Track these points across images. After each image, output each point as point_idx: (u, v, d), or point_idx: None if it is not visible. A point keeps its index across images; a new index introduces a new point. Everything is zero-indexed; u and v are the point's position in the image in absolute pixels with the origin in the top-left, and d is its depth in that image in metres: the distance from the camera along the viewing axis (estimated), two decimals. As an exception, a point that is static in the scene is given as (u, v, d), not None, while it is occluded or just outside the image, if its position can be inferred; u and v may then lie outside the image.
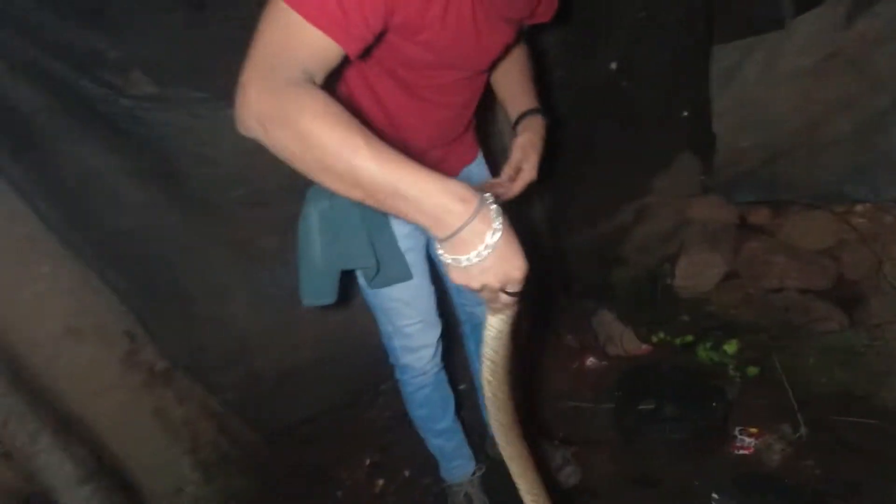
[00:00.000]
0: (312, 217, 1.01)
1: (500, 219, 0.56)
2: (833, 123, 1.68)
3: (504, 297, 0.60)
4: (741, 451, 1.53)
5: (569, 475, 1.51)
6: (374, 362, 1.78)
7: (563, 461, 1.52)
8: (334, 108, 0.58)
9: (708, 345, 1.90)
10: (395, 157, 0.56)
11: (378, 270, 1.05)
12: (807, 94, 1.69)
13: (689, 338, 1.97)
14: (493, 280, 0.57)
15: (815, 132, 1.74)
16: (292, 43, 0.62)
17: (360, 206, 0.95)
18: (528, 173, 1.01)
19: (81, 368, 1.14)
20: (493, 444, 0.95)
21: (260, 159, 1.43)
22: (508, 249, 0.56)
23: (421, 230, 1.05)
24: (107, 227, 1.41)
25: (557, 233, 2.31)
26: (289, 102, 0.58)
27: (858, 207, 1.70)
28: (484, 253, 0.55)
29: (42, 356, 1.09)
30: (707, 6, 1.61)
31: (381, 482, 1.69)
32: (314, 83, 0.62)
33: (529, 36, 1.16)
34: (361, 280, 1.15)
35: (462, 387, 1.89)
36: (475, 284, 0.58)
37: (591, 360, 2.07)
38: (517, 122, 1.05)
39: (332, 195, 1.02)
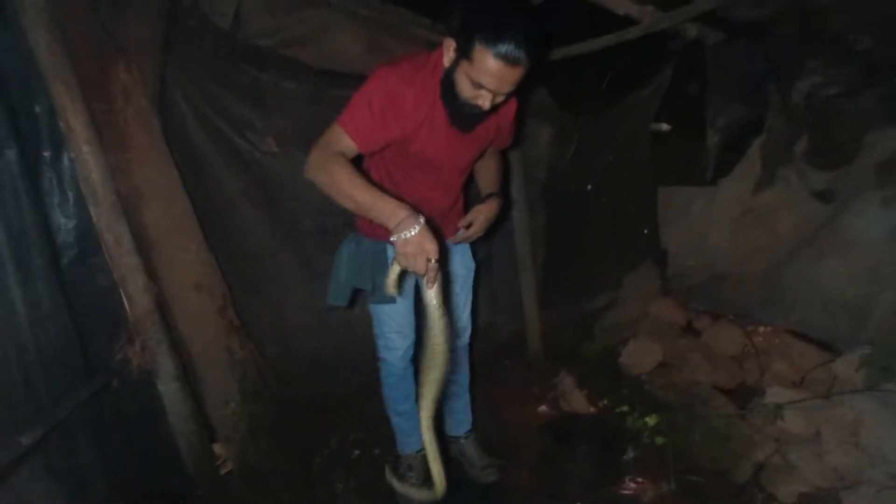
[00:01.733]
0: (344, 253, 1.72)
1: (421, 222, 1.15)
2: (750, 262, 2.20)
3: (430, 266, 1.14)
4: (624, 492, 1.98)
5: (488, 474, 2.01)
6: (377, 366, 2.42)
7: (487, 464, 2.03)
8: (347, 167, 1.28)
9: (636, 415, 2.36)
10: (374, 191, 1.22)
11: (374, 292, 1.71)
12: (733, 236, 2.23)
13: (625, 408, 2.43)
14: (418, 250, 1.12)
15: (739, 266, 2.25)
16: (338, 139, 1.35)
17: (372, 254, 1.65)
18: (476, 227, 1.59)
19: (195, 309, 1.86)
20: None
21: (326, 206, 2.21)
22: (424, 237, 1.13)
23: (411, 275, 1.71)
24: (227, 228, 2.18)
25: (544, 307, 2.88)
26: (326, 163, 1.31)
27: (761, 328, 2.16)
28: (410, 234, 1.13)
29: (176, 299, 1.82)
30: (653, 157, 2.23)
31: (356, 452, 2.27)
32: (345, 158, 1.32)
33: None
34: (370, 298, 1.80)
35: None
36: (410, 251, 1.13)
37: (543, 408, 2.57)
38: (484, 198, 1.67)
39: (358, 241, 1.73)
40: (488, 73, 1.21)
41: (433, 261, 1.15)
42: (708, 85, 2.12)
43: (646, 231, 2.45)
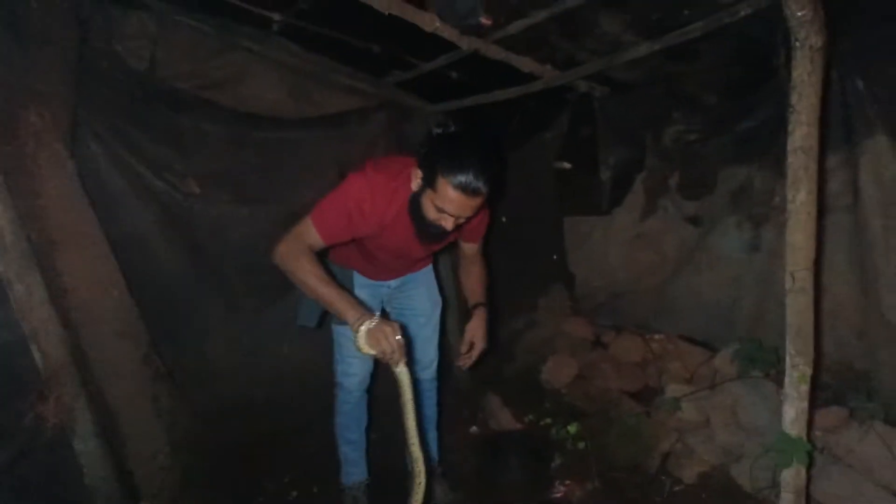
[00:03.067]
0: None
1: (373, 321, 1.31)
2: (644, 280, 2.55)
3: (391, 357, 1.30)
4: (556, 494, 2.15)
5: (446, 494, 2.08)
6: (308, 401, 2.40)
7: (450, 500, 2.08)
8: (314, 265, 1.40)
9: (559, 426, 2.57)
10: (335, 291, 1.37)
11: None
12: (628, 258, 2.57)
13: (549, 420, 2.63)
14: (381, 336, 1.29)
15: (635, 283, 2.60)
16: (308, 232, 1.46)
17: (338, 277, 1.72)
18: (479, 346, 1.74)
19: (117, 358, 1.76)
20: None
21: (254, 246, 2.22)
22: (378, 334, 1.29)
23: (376, 298, 1.80)
24: (147, 272, 2.10)
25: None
26: (295, 258, 1.42)
27: (657, 336, 2.50)
28: (371, 325, 1.30)
29: (95, 349, 1.72)
30: (557, 191, 2.54)
31: (294, 493, 2.22)
32: (311, 251, 1.44)
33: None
34: (334, 320, 1.83)
35: (374, 436, 2.49)
36: (374, 340, 1.30)
37: (474, 429, 2.70)
38: (472, 308, 1.80)
39: (329, 265, 1.79)
40: (449, 201, 1.36)
41: (398, 337, 1.31)
42: (598, 130, 2.48)
43: (555, 257, 2.74)
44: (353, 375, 1.88)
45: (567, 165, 2.55)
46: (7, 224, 1.50)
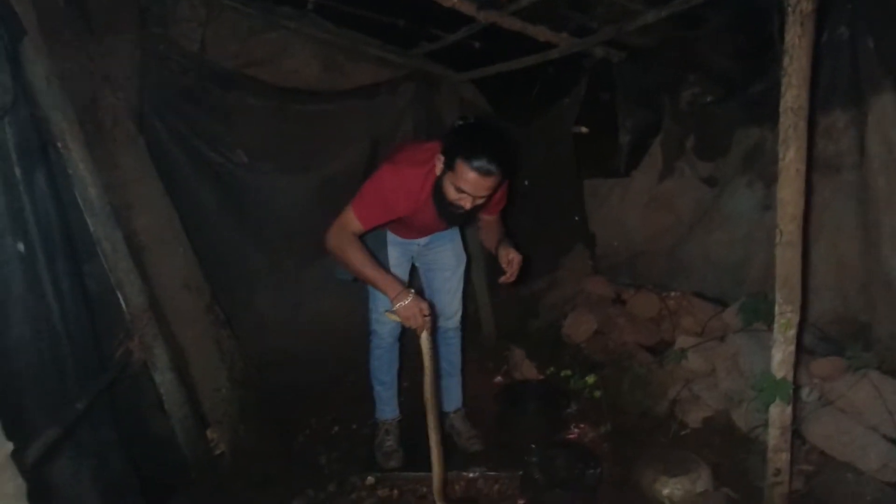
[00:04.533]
0: None
1: (409, 297, 1.56)
2: (660, 240, 2.65)
3: (420, 324, 1.57)
4: (569, 436, 2.36)
5: (473, 444, 2.29)
6: (351, 353, 2.67)
7: (473, 434, 2.32)
8: (358, 249, 1.65)
9: (577, 377, 2.75)
10: (377, 270, 1.65)
11: None
12: (645, 219, 2.68)
13: (568, 372, 2.82)
14: (414, 312, 1.55)
15: (652, 244, 2.71)
16: (350, 221, 1.68)
17: (371, 235, 1.94)
18: (515, 259, 1.81)
19: (185, 306, 2.06)
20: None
21: (294, 211, 2.47)
22: (416, 302, 1.56)
23: (406, 255, 2.02)
24: (204, 235, 2.39)
25: (494, 293, 3.23)
26: (342, 243, 1.67)
27: (672, 294, 2.62)
28: (406, 302, 1.56)
29: (168, 298, 2.02)
30: (577, 155, 2.66)
31: (336, 429, 2.53)
32: (355, 236, 1.67)
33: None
34: None
35: (405, 384, 2.75)
36: (408, 314, 1.56)
37: (498, 379, 2.93)
38: (497, 247, 1.89)
39: None
40: (466, 181, 1.54)
41: (427, 315, 1.59)
42: (616, 95, 2.55)
43: (576, 218, 2.87)
44: (385, 324, 2.11)
45: (585, 130, 2.65)
46: (94, 190, 1.78)
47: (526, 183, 2.80)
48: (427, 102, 3.01)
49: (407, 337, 2.41)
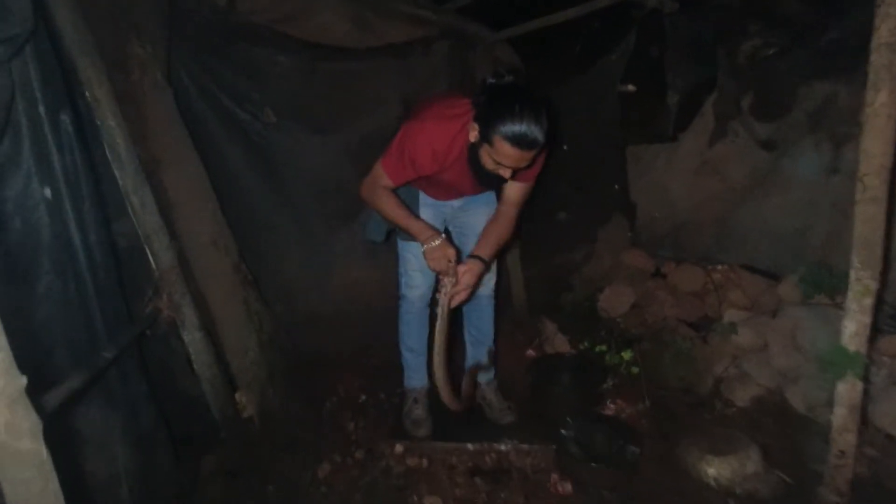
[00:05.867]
0: None
1: (441, 237, 1.60)
2: (707, 209, 2.49)
3: (451, 266, 1.55)
4: (605, 411, 2.26)
5: (506, 415, 2.22)
6: (380, 322, 2.61)
7: (506, 406, 2.25)
8: (389, 197, 1.69)
9: (613, 352, 2.64)
10: (407, 215, 1.69)
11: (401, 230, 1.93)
12: (691, 187, 2.51)
13: (603, 347, 2.71)
14: (440, 255, 1.57)
15: (698, 213, 2.54)
16: (380, 176, 1.69)
17: (405, 194, 1.86)
18: (461, 291, 1.67)
19: (212, 264, 2.02)
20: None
21: (324, 172, 2.39)
22: (444, 246, 1.60)
23: (439, 217, 1.94)
24: (231, 193, 2.34)
25: (526, 264, 3.12)
26: (374, 194, 1.70)
27: (719, 267, 2.46)
28: (434, 244, 1.60)
29: (196, 255, 1.98)
30: (621, 118, 2.49)
31: (363, 396, 2.48)
32: (386, 189, 1.67)
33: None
34: (400, 235, 1.99)
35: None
36: (435, 256, 1.57)
37: (530, 352, 2.83)
38: (470, 256, 1.74)
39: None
40: (506, 156, 1.44)
41: (452, 261, 1.61)
42: (667, 49, 2.37)
43: (616, 187, 2.71)
44: (415, 287, 2.04)
45: (632, 88, 2.48)
46: (122, 143, 1.72)
47: (564, 148, 2.65)
48: (461, 62, 2.87)
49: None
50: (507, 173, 1.53)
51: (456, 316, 2.30)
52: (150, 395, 1.63)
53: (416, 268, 2.00)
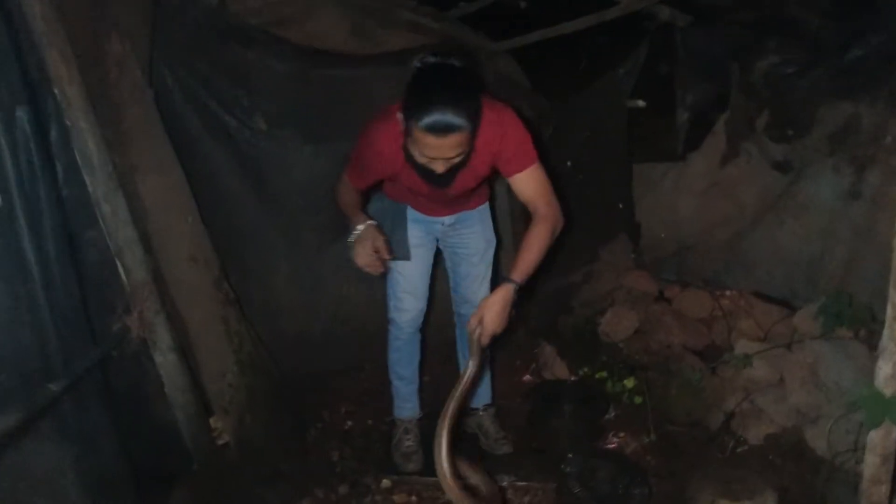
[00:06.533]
0: (370, 208, 1.83)
1: (363, 226, 1.59)
2: (716, 232, 2.38)
3: (366, 263, 1.56)
4: (608, 445, 2.12)
5: (501, 445, 2.07)
6: (366, 342, 2.47)
7: (502, 436, 2.10)
8: (344, 194, 1.68)
9: (614, 379, 2.50)
10: (353, 206, 1.67)
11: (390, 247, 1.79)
12: (701, 207, 2.40)
13: (604, 373, 2.57)
14: (359, 249, 1.58)
15: (706, 236, 2.43)
16: (346, 181, 1.66)
17: (392, 211, 1.74)
18: (487, 327, 1.43)
19: (191, 280, 1.87)
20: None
21: (317, 184, 2.25)
22: (362, 239, 1.58)
23: (430, 235, 1.80)
24: (216, 204, 2.19)
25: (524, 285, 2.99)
26: (339, 190, 1.67)
27: (727, 293, 2.34)
28: (353, 233, 1.56)
29: (172, 270, 1.83)
30: (627, 134, 2.38)
31: (349, 423, 2.33)
32: (348, 187, 1.66)
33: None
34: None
35: (426, 378, 2.54)
36: (355, 251, 1.57)
37: (527, 377, 2.69)
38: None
39: (382, 199, 1.82)
40: (426, 146, 1.30)
41: (381, 253, 1.61)
42: (678, 64, 2.27)
43: (620, 206, 2.60)
44: (404, 311, 1.90)
45: (641, 104, 2.38)
46: (94, 147, 1.58)
47: (568, 164, 2.54)
48: (461, 74, 2.77)
49: (430, 328, 2.20)
50: (439, 166, 1.36)
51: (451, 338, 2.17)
52: (110, 425, 1.47)
53: (406, 290, 1.87)
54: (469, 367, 1.44)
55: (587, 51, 2.49)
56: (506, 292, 1.45)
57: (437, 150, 1.30)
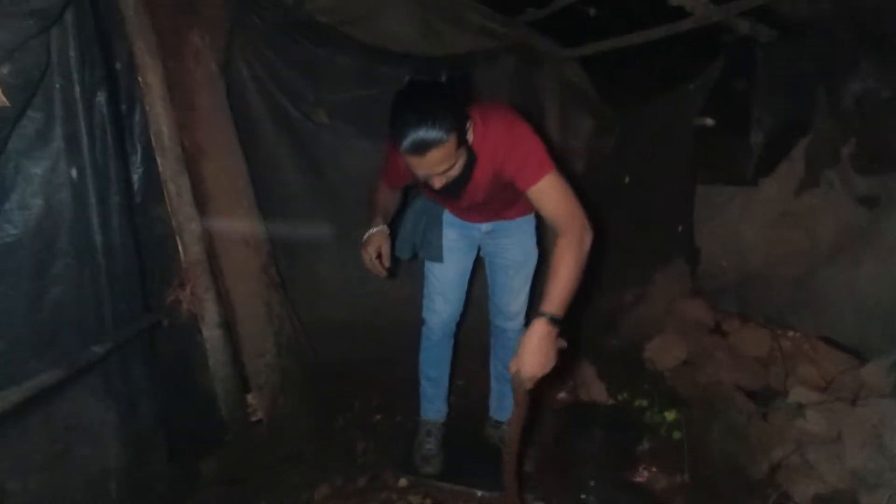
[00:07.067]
0: (410, 209, 1.87)
1: (372, 231, 1.68)
2: (784, 265, 2.18)
3: (365, 263, 1.56)
4: (637, 479, 2.01)
5: (523, 461, 2.04)
6: (406, 336, 2.49)
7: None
8: (376, 191, 1.77)
9: (654, 409, 2.37)
10: (376, 208, 1.76)
11: (423, 247, 1.81)
12: (770, 237, 2.22)
13: (644, 402, 2.44)
14: (365, 248, 1.67)
15: (773, 269, 2.24)
16: (379, 179, 1.72)
17: (429, 211, 1.74)
18: (525, 374, 1.31)
19: (240, 262, 1.98)
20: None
21: (367, 179, 2.30)
22: (367, 242, 1.67)
23: (465, 239, 1.79)
24: (274, 191, 2.31)
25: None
26: (374, 185, 1.72)
27: (790, 333, 2.14)
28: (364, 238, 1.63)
29: (224, 251, 1.95)
30: (693, 153, 2.24)
31: (378, 416, 2.36)
32: (385, 187, 1.74)
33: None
34: (424, 254, 1.87)
35: (460, 382, 2.53)
36: (363, 248, 1.67)
37: (562, 395, 2.61)
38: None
39: (423, 199, 1.84)
40: (413, 166, 1.28)
41: (383, 257, 1.69)
42: (756, 82, 2.11)
43: (679, 228, 2.46)
44: (435, 313, 1.90)
45: (710, 122, 2.23)
46: (167, 129, 1.71)
47: (626, 179, 2.44)
48: (526, 79, 2.73)
49: (468, 331, 2.19)
50: (436, 182, 1.33)
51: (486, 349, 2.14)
52: (154, 389, 1.59)
53: (437, 291, 1.87)
54: (513, 415, 1.42)
55: (659, 62, 2.37)
56: (539, 328, 1.30)
57: (424, 168, 1.28)
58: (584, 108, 2.72)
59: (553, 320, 1.31)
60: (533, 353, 1.29)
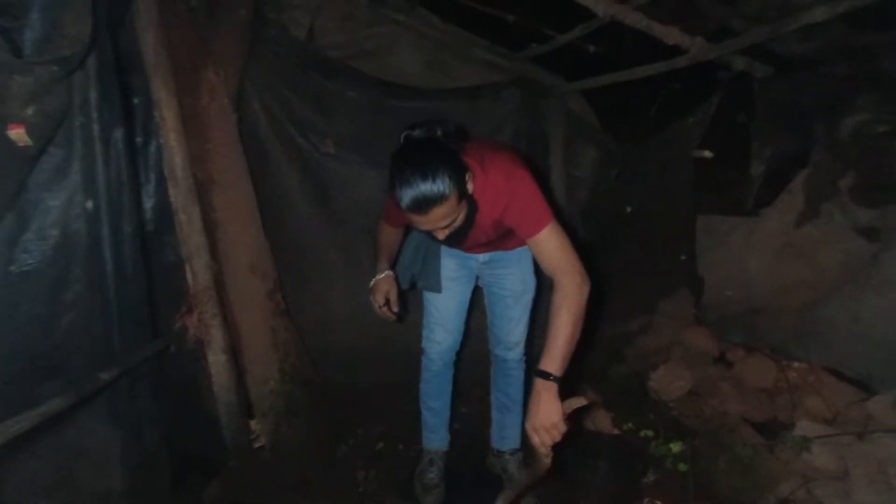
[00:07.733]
0: (410, 239, 1.89)
1: (379, 276, 1.75)
2: (789, 296, 2.18)
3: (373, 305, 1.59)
4: (642, 511, 1.98)
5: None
6: (413, 364, 2.50)
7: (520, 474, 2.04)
8: (382, 234, 1.79)
9: (660, 441, 2.34)
10: (380, 250, 1.79)
11: (422, 277, 1.83)
12: (773, 268, 2.22)
13: (650, 432, 2.41)
14: (375, 292, 1.73)
15: (778, 299, 2.24)
16: (382, 220, 1.73)
17: (426, 241, 1.77)
18: (543, 437, 1.35)
19: (247, 289, 2.03)
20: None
21: (374, 207, 2.36)
22: (375, 287, 1.74)
23: (464, 268, 1.82)
24: (282, 219, 2.37)
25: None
26: (379, 225, 1.72)
27: (795, 364, 2.12)
28: (374, 280, 1.68)
29: (232, 278, 1.99)
30: (695, 184, 2.27)
31: (381, 444, 2.36)
32: (388, 226, 1.76)
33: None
34: (421, 284, 1.91)
35: (464, 409, 2.52)
36: (372, 292, 1.72)
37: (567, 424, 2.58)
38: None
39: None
40: (417, 223, 1.31)
41: (392, 300, 1.77)
42: (754, 116, 2.15)
43: (683, 258, 2.47)
44: (434, 343, 1.91)
45: (708, 154, 2.26)
46: (180, 161, 1.78)
47: (629, 210, 2.47)
48: (531, 112, 2.80)
49: (472, 360, 2.19)
50: (440, 234, 1.35)
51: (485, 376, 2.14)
52: (158, 414, 1.61)
53: (437, 321, 1.89)
54: (529, 470, 1.47)
55: (660, 97, 2.43)
56: (542, 391, 1.31)
57: (428, 224, 1.29)
58: (588, 140, 2.77)
59: (555, 379, 1.33)
60: (542, 419, 1.34)
